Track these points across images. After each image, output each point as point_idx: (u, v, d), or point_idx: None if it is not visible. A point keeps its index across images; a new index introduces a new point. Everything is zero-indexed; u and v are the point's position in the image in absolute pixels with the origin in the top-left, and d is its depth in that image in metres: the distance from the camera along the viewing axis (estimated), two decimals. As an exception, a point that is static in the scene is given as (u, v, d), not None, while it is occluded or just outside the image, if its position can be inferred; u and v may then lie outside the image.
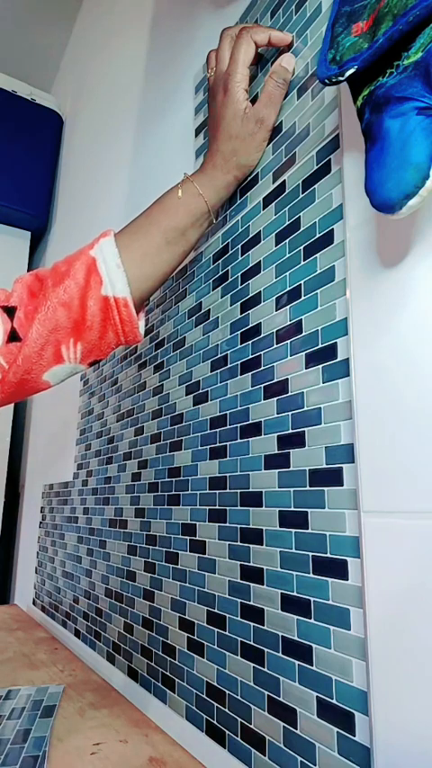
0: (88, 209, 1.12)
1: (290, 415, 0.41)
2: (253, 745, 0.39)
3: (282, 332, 0.43)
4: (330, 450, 0.36)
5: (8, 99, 1.42)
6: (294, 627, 0.37)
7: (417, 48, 0.27)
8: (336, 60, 0.32)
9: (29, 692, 0.60)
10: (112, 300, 0.46)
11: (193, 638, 0.48)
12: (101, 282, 0.46)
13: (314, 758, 0.34)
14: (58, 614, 0.88)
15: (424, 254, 0.31)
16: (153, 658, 0.55)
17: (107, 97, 1.10)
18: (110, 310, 0.47)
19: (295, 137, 0.46)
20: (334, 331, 0.37)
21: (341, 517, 0.34)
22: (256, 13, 0.54)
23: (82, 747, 0.47)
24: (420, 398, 0.30)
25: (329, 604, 0.34)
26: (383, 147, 0.28)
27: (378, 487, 0.31)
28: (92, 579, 0.75)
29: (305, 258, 0.42)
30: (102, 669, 0.67)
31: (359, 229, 0.36)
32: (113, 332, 0.48)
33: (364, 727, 0.31)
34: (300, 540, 0.38)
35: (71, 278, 0.46)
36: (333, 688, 0.33)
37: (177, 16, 0.75)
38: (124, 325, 0.48)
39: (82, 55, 1.38)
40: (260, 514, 0.42)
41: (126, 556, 0.65)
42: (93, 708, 0.56)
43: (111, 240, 0.48)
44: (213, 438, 0.50)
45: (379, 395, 0.32)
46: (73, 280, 0.46)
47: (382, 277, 0.33)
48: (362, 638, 0.31)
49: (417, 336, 0.30)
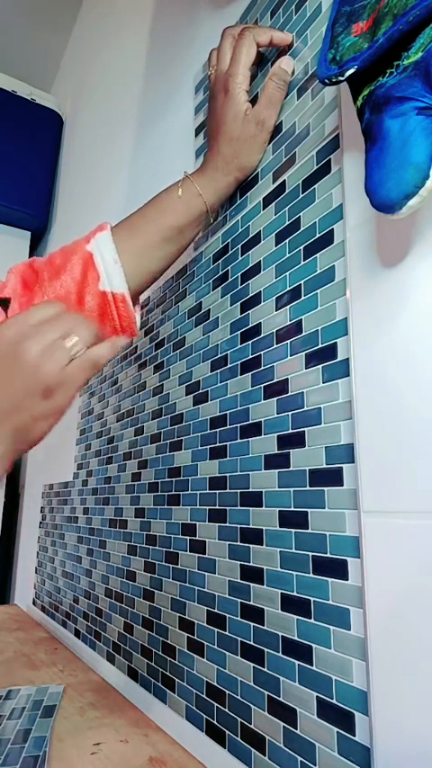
0: (88, 209, 1.12)
1: (290, 415, 0.41)
2: (253, 745, 0.39)
3: (282, 332, 0.43)
4: (330, 450, 0.36)
5: (8, 99, 1.42)
6: (294, 627, 0.37)
7: (417, 48, 0.27)
8: (336, 60, 0.32)
9: (29, 691, 0.60)
10: (110, 296, 0.47)
11: (193, 638, 0.48)
12: (98, 278, 0.47)
13: (314, 758, 0.34)
14: (57, 614, 0.88)
15: (424, 254, 0.31)
16: (153, 658, 0.55)
17: (107, 97, 1.09)
18: (107, 305, 0.47)
19: (295, 137, 0.46)
20: (334, 331, 0.37)
21: (341, 517, 0.34)
22: (255, 12, 0.54)
23: (82, 747, 0.47)
24: (420, 398, 0.30)
25: (329, 604, 0.34)
26: (383, 147, 0.28)
27: (378, 487, 0.31)
28: (92, 579, 0.75)
29: (305, 258, 0.42)
30: (102, 669, 0.67)
31: (359, 229, 0.36)
32: (111, 326, 0.48)
33: (364, 727, 0.31)
34: (300, 540, 0.38)
35: (68, 273, 0.46)
36: (333, 688, 0.33)
37: (177, 16, 0.75)
38: (122, 320, 0.48)
39: (82, 55, 1.38)
40: (260, 514, 0.42)
41: (126, 556, 0.65)
42: (93, 708, 0.56)
43: (107, 235, 0.48)
44: (213, 438, 0.50)
45: (379, 395, 0.32)
46: (69, 275, 0.46)
47: (382, 277, 0.33)
48: (362, 638, 0.31)
49: (417, 336, 0.30)
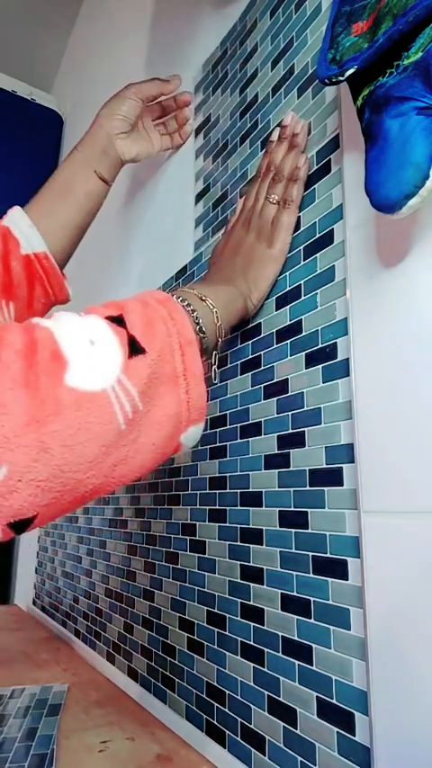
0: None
1: (290, 415, 0.41)
2: (253, 746, 0.39)
3: (282, 332, 0.43)
4: (330, 450, 0.36)
5: (8, 99, 1.42)
6: (294, 627, 0.37)
7: (417, 48, 0.27)
8: (336, 60, 0.32)
9: (33, 690, 0.60)
10: (32, 257, 0.51)
11: (193, 638, 0.48)
12: (18, 244, 0.51)
13: (314, 758, 0.34)
14: (58, 614, 0.88)
15: (424, 254, 0.31)
16: (153, 658, 0.55)
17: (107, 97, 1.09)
18: (32, 265, 0.51)
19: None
20: (334, 331, 0.37)
21: (341, 517, 0.34)
22: (255, 12, 0.54)
23: (89, 745, 0.47)
24: (420, 398, 0.30)
25: (329, 604, 0.34)
26: (383, 147, 0.28)
27: (378, 487, 0.31)
28: (92, 579, 0.75)
29: (305, 258, 0.42)
30: (102, 669, 0.67)
31: (359, 229, 0.36)
32: (41, 286, 0.52)
33: (364, 727, 0.31)
34: (300, 540, 0.38)
35: None
36: (333, 688, 0.33)
37: (177, 16, 0.75)
38: (50, 277, 0.52)
39: (82, 55, 1.38)
40: (260, 514, 0.42)
41: (126, 556, 0.65)
42: (98, 706, 0.56)
43: (18, 209, 0.53)
44: (213, 438, 0.50)
45: (379, 395, 0.32)
46: None
47: (382, 277, 0.33)
48: (362, 638, 0.31)
49: (417, 336, 0.30)
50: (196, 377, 0.33)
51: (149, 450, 0.31)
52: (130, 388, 0.29)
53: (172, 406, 0.31)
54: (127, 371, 0.29)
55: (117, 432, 0.28)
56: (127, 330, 0.30)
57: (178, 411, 0.32)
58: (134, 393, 0.29)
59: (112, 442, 0.28)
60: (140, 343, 0.30)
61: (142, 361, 0.30)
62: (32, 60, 1.57)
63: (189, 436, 0.33)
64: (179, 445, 0.33)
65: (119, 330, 0.30)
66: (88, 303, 0.36)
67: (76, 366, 0.27)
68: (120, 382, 0.29)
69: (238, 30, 0.57)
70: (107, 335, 0.30)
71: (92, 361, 0.28)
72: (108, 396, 0.28)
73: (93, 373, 0.28)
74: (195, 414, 0.33)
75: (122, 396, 0.28)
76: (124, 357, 0.29)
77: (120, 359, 0.29)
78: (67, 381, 0.27)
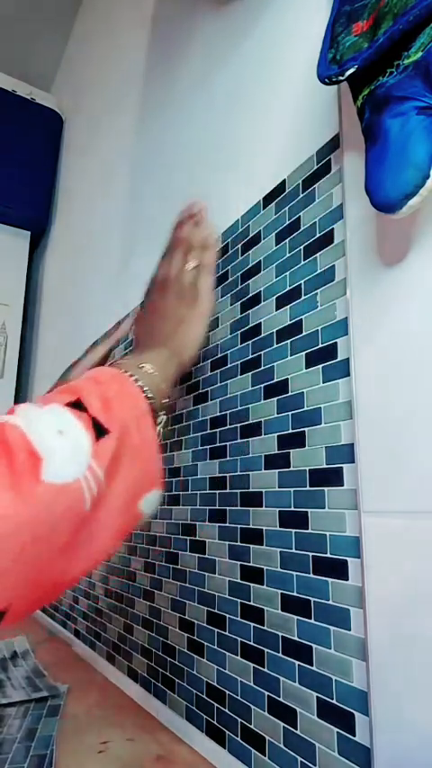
0: (88, 209, 1.12)
1: (290, 415, 0.40)
2: (253, 746, 0.39)
3: (282, 332, 0.43)
4: (330, 450, 0.36)
5: (8, 99, 1.42)
6: (294, 627, 0.37)
7: (417, 47, 0.27)
8: (336, 60, 0.32)
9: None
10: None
11: (193, 639, 0.48)
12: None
13: (314, 758, 0.34)
14: (57, 614, 0.88)
15: (424, 254, 0.31)
16: (153, 659, 0.55)
17: (107, 97, 1.09)
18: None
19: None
20: (334, 331, 0.37)
21: (341, 517, 0.34)
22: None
23: (89, 745, 0.47)
24: (420, 398, 0.30)
25: (329, 604, 0.34)
26: (384, 147, 0.28)
27: (378, 487, 0.31)
28: (92, 579, 0.75)
29: (305, 258, 0.42)
30: (102, 669, 0.67)
31: (359, 229, 0.36)
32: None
33: (364, 727, 0.30)
34: (300, 540, 0.38)
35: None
36: (333, 688, 0.33)
37: (177, 16, 0.75)
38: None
39: (82, 55, 1.38)
40: (260, 514, 0.42)
41: (126, 556, 0.65)
42: (98, 707, 0.56)
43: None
44: (213, 438, 0.50)
45: (379, 395, 0.32)
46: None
47: (383, 277, 0.33)
48: (362, 638, 0.31)
49: (417, 336, 0.30)
50: (152, 446, 0.35)
51: (111, 526, 0.32)
52: (96, 469, 0.30)
53: (131, 476, 0.32)
54: (95, 456, 0.30)
55: (84, 514, 0.29)
56: (88, 413, 0.31)
57: (136, 480, 0.33)
58: (100, 474, 0.30)
59: (80, 523, 0.29)
60: (103, 424, 0.31)
61: (107, 443, 0.31)
62: (32, 60, 1.57)
63: (148, 503, 0.34)
64: (139, 514, 0.34)
65: (81, 415, 0.31)
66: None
67: (51, 460, 0.28)
68: (90, 468, 0.30)
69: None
70: (72, 423, 0.30)
71: (64, 453, 0.29)
72: (81, 484, 0.29)
73: (66, 465, 0.28)
74: (153, 481, 0.35)
75: (91, 480, 0.29)
76: (92, 441, 0.30)
77: (88, 445, 0.30)
78: (43, 478, 0.27)
